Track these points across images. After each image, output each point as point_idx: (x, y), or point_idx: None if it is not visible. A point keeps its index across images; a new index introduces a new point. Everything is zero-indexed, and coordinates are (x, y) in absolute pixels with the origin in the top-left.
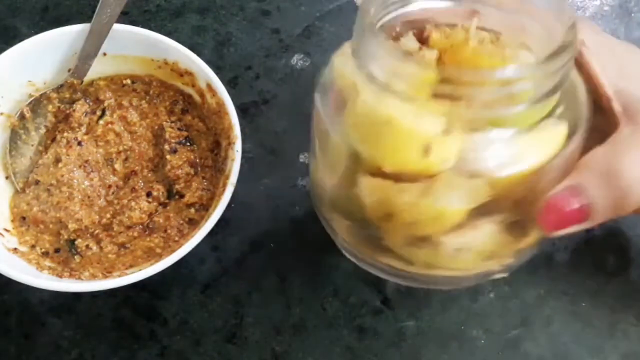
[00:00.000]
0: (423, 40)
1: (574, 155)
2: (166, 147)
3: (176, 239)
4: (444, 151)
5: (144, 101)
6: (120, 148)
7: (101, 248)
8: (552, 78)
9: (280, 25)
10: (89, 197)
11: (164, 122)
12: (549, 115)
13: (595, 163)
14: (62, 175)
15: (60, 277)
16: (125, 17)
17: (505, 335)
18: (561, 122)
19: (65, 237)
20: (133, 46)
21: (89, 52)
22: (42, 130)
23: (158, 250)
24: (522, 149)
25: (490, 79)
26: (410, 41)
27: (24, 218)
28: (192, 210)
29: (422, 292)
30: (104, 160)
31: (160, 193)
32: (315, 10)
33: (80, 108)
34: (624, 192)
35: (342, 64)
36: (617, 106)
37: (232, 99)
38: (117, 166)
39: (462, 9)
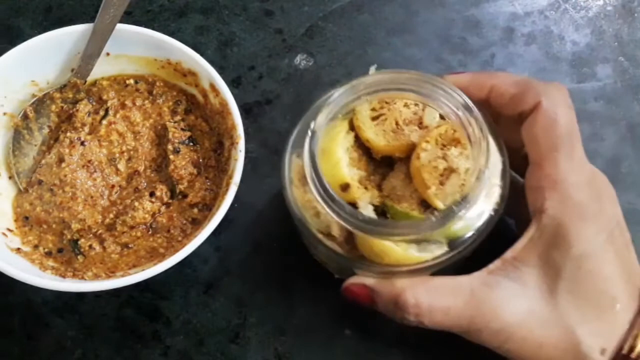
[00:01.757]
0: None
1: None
2: (169, 147)
3: (179, 239)
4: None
5: (147, 101)
6: (124, 148)
7: (104, 248)
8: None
9: (283, 25)
10: (92, 197)
11: (167, 122)
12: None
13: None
14: (65, 175)
15: (64, 277)
16: (129, 17)
17: None
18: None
19: (69, 237)
20: (136, 46)
21: (92, 52)
22: (45, 130)
23: (161, 250)
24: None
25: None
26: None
27: (27, 218)
28: (196, 210)
29: None
30: (107, 160)
31: (164, 193)
32: (318, 11)
33: (84, 108)
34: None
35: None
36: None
37: (235, 99)
38: (120, 166)
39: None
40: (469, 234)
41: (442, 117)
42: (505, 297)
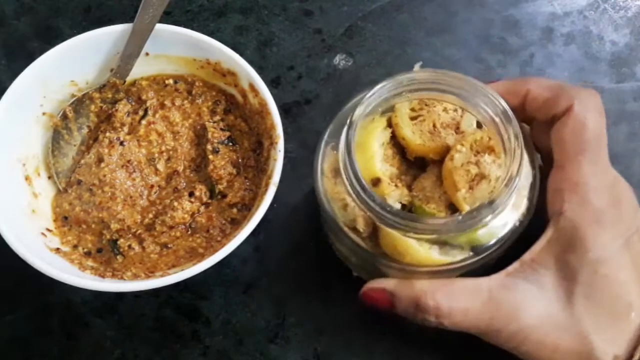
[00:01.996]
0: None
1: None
2: (208, 147)
3: (218, 239)
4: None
5: (186, 101)
6: (163, 148)
7: (143, 248)
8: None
9: (322, 25)
10: (131, 197)
11: (207, 122)
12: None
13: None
14: (105, 175)
15: (103, 277)
16: (168, 17)
17: None
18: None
19: (108, 237)
20: (175, 46)
21: (131, 52)
22: (85, 130)
23: (200, 250)
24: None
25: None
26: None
27: (66, 218)
28: (235, 210)
29: None
30: (147, 160)
31: (203, 193)
32: (357, 10)
33: (123, 108)
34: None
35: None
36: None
37: (275, 99)
38: (160, 166)
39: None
40: (492, 241)
41: (479, 125)
42: (523, 300)
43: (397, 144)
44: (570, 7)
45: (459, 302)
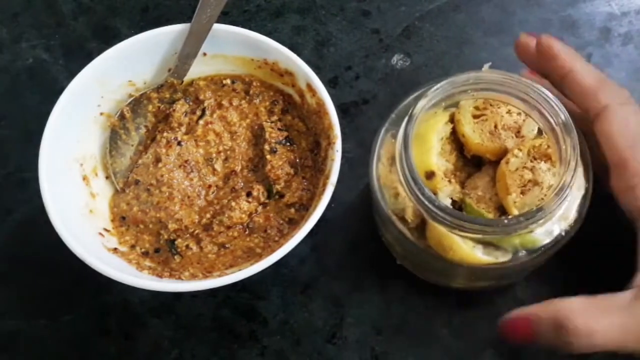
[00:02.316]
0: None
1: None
2: (266, 147)
3: (276, 239)
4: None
5: (243, 101)
6: (220, 148)
7: (201, 248)
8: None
9: (380, 25)
10: (188, 197)
11: (264, 122)
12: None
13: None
14: (162, 175)
15: (160, 277)
16: (226, 17)
17: None
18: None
19: (165, 237)
20: (233, 46)
21: (189, 52)
22: (142, 130)
23: (258, 250)
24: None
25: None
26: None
27: (123, 218)
28: (292, 210)
29: None
30: (204, 160)
31: (260, 193)
32: (415, 11)
33: (180, 108)
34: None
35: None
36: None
37: (332, 99)
38: (217, 166)
39: None
40: (536, 247)
41: (539, 132)
42: None
43: (455, 140)
44: (628, 7)
45: (604, 321)
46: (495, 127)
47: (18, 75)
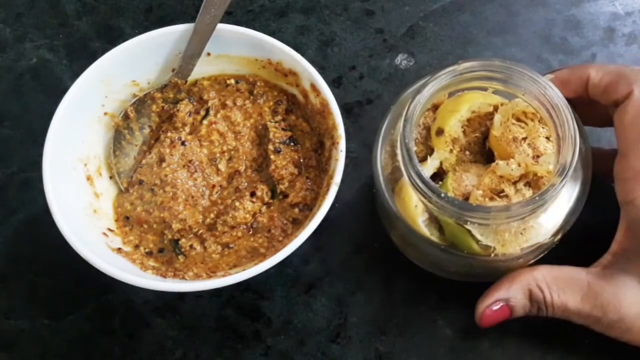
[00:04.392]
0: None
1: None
2: (270, 147)
3: (280, 239)
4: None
5: (247, 101)
6: (224, 148)
7: (205, 248)
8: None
9: (384, 25)
10: (192, 197)
11: (268, 122)
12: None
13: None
14: (166, 175)
15: (164, 277)
16: (229, 17)
17: None
18: None
19: (169, 237)
20: (237, 46)
21: (192, 52)
22: (146, 130)
23: (262, 250)
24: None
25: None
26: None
27: (127, 218)
28: (296, 210)
29: None
30: (208, 160)
31: (264, 193)
32: (419, 10)
33: (184, 108)
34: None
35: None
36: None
37: (336, 99)
38: (221, 166)
39: None
40: (536, 242)
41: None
42: (622, 290)
43: (486, 131)
44: (632, 7)
45: (566, 294)
46: (525, 138)
47: (22, 76)
